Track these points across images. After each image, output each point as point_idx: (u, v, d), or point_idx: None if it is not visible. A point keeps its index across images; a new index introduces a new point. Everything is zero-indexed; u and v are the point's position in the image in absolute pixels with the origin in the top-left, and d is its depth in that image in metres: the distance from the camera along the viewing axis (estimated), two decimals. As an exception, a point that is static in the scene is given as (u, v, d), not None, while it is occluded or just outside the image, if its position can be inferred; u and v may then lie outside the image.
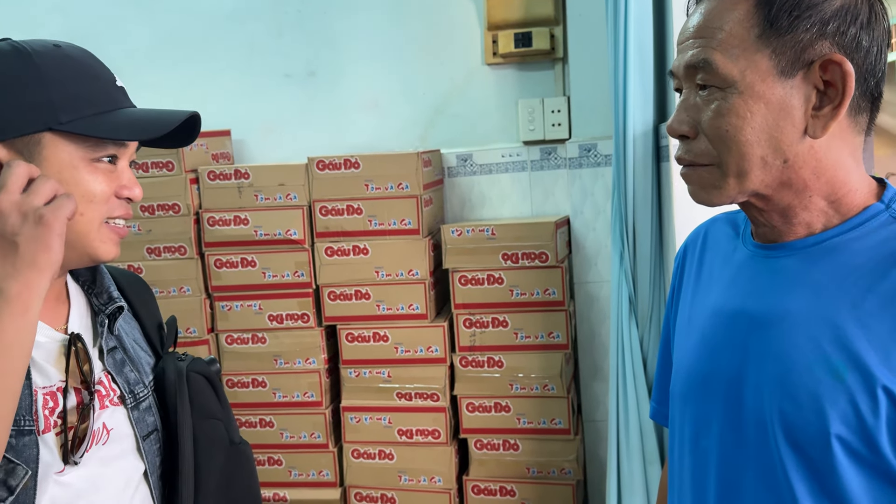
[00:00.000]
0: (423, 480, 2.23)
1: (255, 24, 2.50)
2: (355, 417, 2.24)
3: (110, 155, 0.85)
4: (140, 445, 0.92)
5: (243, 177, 2.23)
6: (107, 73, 0.88)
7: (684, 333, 0.90)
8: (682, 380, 0.88)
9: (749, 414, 0.77)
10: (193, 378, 0.98)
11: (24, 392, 0.80)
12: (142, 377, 0.95)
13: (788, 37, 0.72)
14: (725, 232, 0.91)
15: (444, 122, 2.45)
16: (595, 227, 2.27)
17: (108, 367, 0.91)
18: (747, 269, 0.83)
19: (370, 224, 2.18)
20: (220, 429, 0.99)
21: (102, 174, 0.84)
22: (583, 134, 2.27)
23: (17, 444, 0.79)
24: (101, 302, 0.94)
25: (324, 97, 2.50)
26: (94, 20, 2.53)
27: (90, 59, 0.87)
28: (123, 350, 0.94)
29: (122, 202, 0.87)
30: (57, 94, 0.81)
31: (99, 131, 0.82)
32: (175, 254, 2.27)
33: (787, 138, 0.74)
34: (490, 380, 2.19)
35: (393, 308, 2.20)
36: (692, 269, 0.93)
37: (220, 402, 1.01)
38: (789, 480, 0.73)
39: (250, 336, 2.27)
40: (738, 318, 0.80)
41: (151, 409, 0.94)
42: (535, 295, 2.15)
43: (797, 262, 0.78)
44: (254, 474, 1.05)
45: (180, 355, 1.01)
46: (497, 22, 2.32)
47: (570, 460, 2.18)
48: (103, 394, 0.89)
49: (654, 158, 1.85)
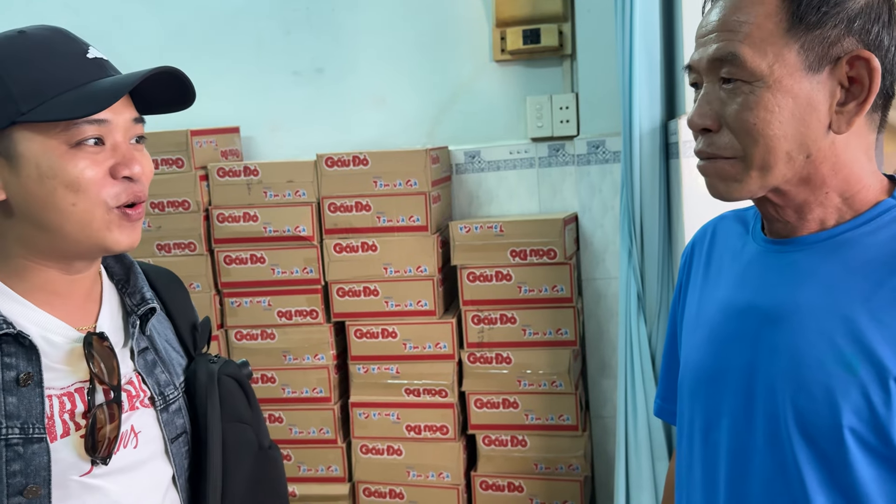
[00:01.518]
0: (432, 476, 2.24)
1: (264, 22, 2.51)
2: (364, 413, 2.25)
3: (93, 136, 0.78)
4: (168, 448, 0.89)
5: (252, 173, 2.24)
6: (76, 48, 0.81)
7: (692, 329, 0.90)
8: (691, 375, 0.88)
9: (760, 408, 0.77)
10: (224, 381, 0.95)
11: (35, 399, 0.78)
12: (173, 379, 0.92)
13: (817, 32, 0.73)
14: (734, 228, 0.91)
15: (452, 118, 2.45)
16: (603, 223, 2.27)
17: (139, 368, 0.88)
18: (757, 265, 0.83)
19: (378, 221, 2.19)
20: (249, 433, 0.97)
21: (87, 158, 0.78)
22: (591, 130, 2.27)
23: (25, 453, 0.77)
24: (134, 302, 0.91)
25: (332, 94, 2.50)
26: (104, 18, 2.55)
27: (56, 37, 0.81)
28: (155, 351, 0.91)
29: (123, 183, 0.80)
30: (15, 85, 0.76)
31: (53, 113, 0.75)
32: (185, 250, 2.28)
33: (812, 133, 0.74)
34: (498, 376, 2.19)
35: (401, 304, 2.21)
36: (700, 265, 0.93)
37: (251, 406, 0.98)
38: (801, 473, 0.74)
39: (259, 332, 2.28)
40: (749, 312, 0.80)
41: (181, 411, 0.92)
42: (543, 291, 2.15)
43: (808, 256, 0.78)
44: (282, 479, 1.02)
45: (212, 357, 0.98)
46: (505, 18, 2.32)
47: (578, 456, 2.19)
48: (133, 394, 0.87)
49: (663, 155, 1.85)
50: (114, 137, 0.80)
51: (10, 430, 0.76)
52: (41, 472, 0.77)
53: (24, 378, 0.77)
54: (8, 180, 0.78)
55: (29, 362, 0.78)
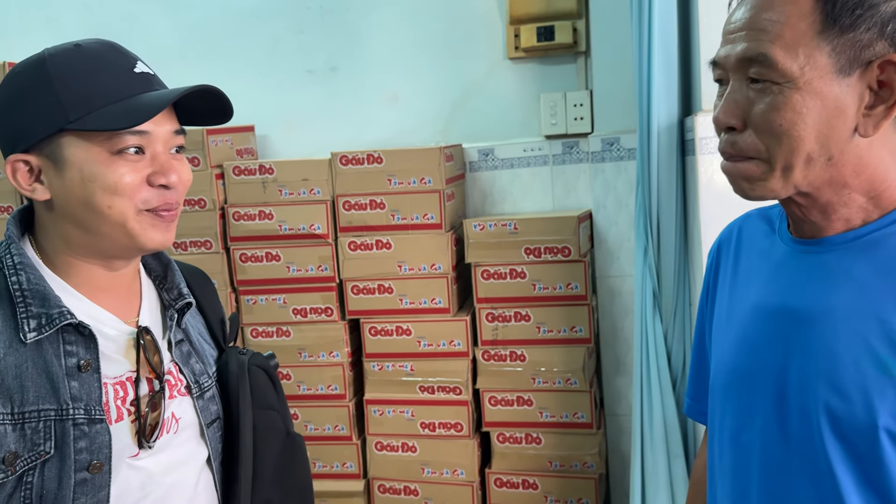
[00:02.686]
0: (446, 473, 2.24)
1: (278, 21, 2.52)
2: (378, 410, 2.26)
3: (134, 146, 0.84)
4: (204, 432, 0.96)
5: (268, 172, 2.25)
6: (124, 62, 0.86)
7: (723, 329, 0.90)
8: (722, 375, 0.88)
9: (793, 408, 0.77)
10: (254, 371, 1.02)
11: (94, 384, 0.85)
12: (206, 368, 0.99)
13: (849, 35, 0.72)
14: (760, 227, 0.90)
15: (465, 116, 2.45)
16: (618, 221, 2.26)
17: (176, 358, 0.95)
18: (787, 265, 0.83)
19: (393, 219, 2.19)
20: (278, 420, 1.03)
21: (126, 165, 0.84)
22: (605, 128, 2.27)
23: (90, 432, 0.84)
24: (172, 297, 0.97)
25: (346, 92, 2.51)
26: (119, 17, 2.57)
27: (107, 51, 0.87)
28: (190, 343, 0.98)
29: (158, 190, 0.86)
30: (65, 95, 0.82)
31: (98, 123, 0.82)
32: (201, 248, 2.29)
33: (836, 136, 0.74)
34: (512, 374, 2.19)
35: (415, 302, 2.21)
36: (728, 265, 0.93)
37: (278, 395, 1.05)
38: (834, 473, 0.74)
39: (275, 329, 2.30)
40: (781, 314, 0.80)
41: (215, 398, 0.99)
42: (557, 289, 2.15)
43: (838, 257, 0.78)
44: (306, 464, 1.09)
45: (242, 350, 1.05)
46: (519, 16, 2.32)
47: (593, 454, 2.19)
48: (172, 383, 0.93)
49: (679, 152, 1.84)
50: (153, 147, 0.86)
51: (76, 412, 0.83)
52: (104, 450, 0.84)
53: (84, 365, 0.85)
54: (53, 182, 0.85)
55: (87, 350, 0.85)
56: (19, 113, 0.84)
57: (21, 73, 0.85)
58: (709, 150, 1.70)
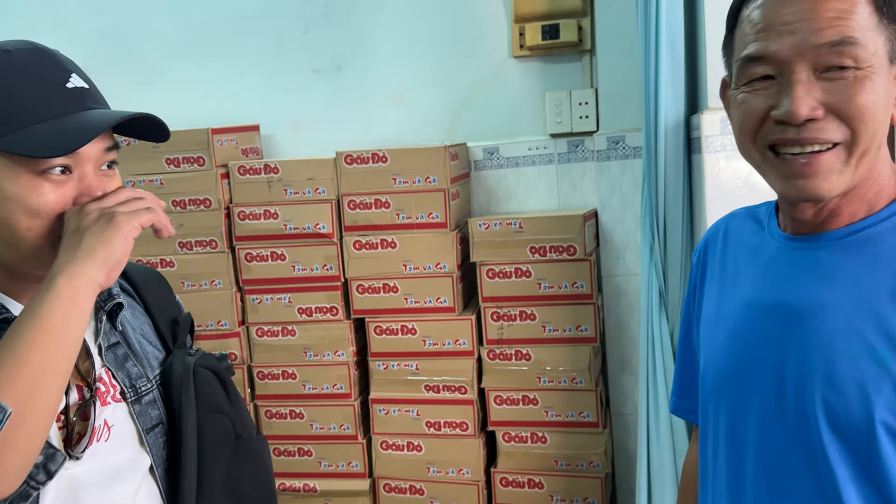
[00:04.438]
0: (452, 472, 2.24)
1: (283, 20, 2.52)
2: (384, 409, 2.26)
3: (61, 166, 0.79)
4: (144, 439, 0.91)
5: (273, 171, 2.25)
6: (56, 75, 0.81)
7: (712, 327, 0.90)
8: (715, 372, 0.88)
9: (790, 404, 0.78)
10: (200, 373, 0.96)
11: None
12: (146, 371, 0.94)
13: (893, 27, 0.75)
14: (748, 226, 0.91)
15: (470, 115, 2.45)
16: (623, 219, 2.25)
17: (108, 362, 0.90)
18: (780, 262, 0.83)
19: (398, 218, 2.19)
20: (226, 423, 0.97)
21: (50, 186, 0.79)
22: (611, 126, 2.26)
23: None
24: (101, 298, 0.92)
25: (351, 91, 2.51)
26: (124, 16, 2.57)
27: (40, 62, 0.81)
28: (127, 345, 0.93)
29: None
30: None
31: (20, 147, 0.77)
32: (206, 248, 2.30)
33: (886, 125, 0.76)
34: (518, 373, 2.19)
35: (421, 301, 2.21)
36: (715, 263, 0.93)
37: (229, 398, 0.99)
38: (831, 467, 0.75)
39: (280, 329, 2.30)
40: (775, 310, 0.81)
41: (156, 402, 0.94)
42: (562, 288, 2.14)
43: (833, 253, 0.79)
44: (264, 470, 1.02)
45: (191, 351, 1.00)
46: (524, 14, 2.31)
47: (599, 453, 2.18)
48: (103, 390, 0.89)
49: (686, 150, 1.83)
50: (81, 167, 0.82)
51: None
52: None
53: None
54: None
55: None
56: None
57: None
58: (715, 148, 1.69)
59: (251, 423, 1.03)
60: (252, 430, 1.02)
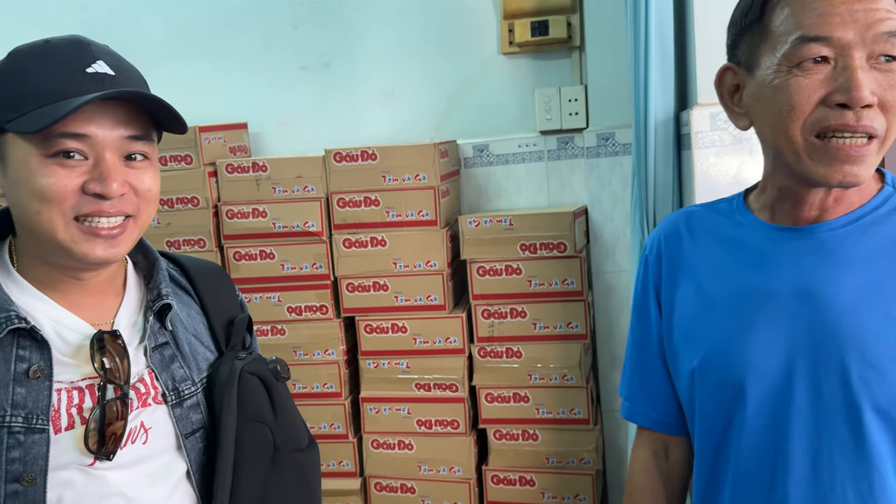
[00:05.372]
0: (443, 470, 2.24)
1: (270, 17, 2.50)
2: (374, 408, 2.25)
3: (72, 149, 0.79)
4: (182, 443, 0.90)
5: (261, 169, 2.24)
6: (78, 60, 0.81)
7: (704, 321, 0.89)
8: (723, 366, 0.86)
9: (827, 387, 0.79)
10: (246, 379, 0.93)
11: (43, 392, 0.80)
12: (192, 374, 0.92)
13: None
14: (716, 220, 0.92)
15: (460, 112, 2.44)
16: (613, 216, 2.25)
17: (153, 363, 0.89)
18: (784, 251, 0.84)
19: (388, 215, 2.18)
20: (266, 434, 0.93)
21: (60, 170, 0.79)
22: (600, 123, 2.26)
23: (25, 442, 0.79)
24: (151, 298, 0.91)
25: (339, 89, 2.50)
26: (110, 13, 2.54)
27: (66, 48, 0.81)
28: (176, 345, 0.92)
29: (91, 198, 0.80)
30: (5, 93, 0.80)
31: (23, 126, 0.77)
32: (194, 247, 2.28)
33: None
34: (508, 370, 2.19)
35: (411, 299, 2.20)
36: (684, 259, 0.93)
37: (274, 407, 0.95)
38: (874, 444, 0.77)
39: (269, 328, 2.28)
40: (795, 296, 0.82)
41: (199, 406, 0.92)
42: (553, 285, 2.14)
43: (839, 239, 0.82)
44: (307, 484, 0.97)
45: (241, 354, 0.96)
46: (513, 11, 2.30)
47: (590, 450, 2.18)
48: (143, 391, 0.87)
49: (675, 146, 1.83)
50: (98, 152, 0.80)
51: (14, 419, 0.79)
52: (38, 462, 0.79)
53: (34, 371, 0.80)
54: (2, 182, 0.83)
55: (41, 356, 0.81)
56: None
57: None
58: (704, 144, 1.69)
59: (300, 434, 0.99)
60: (300, 442, 0.98)
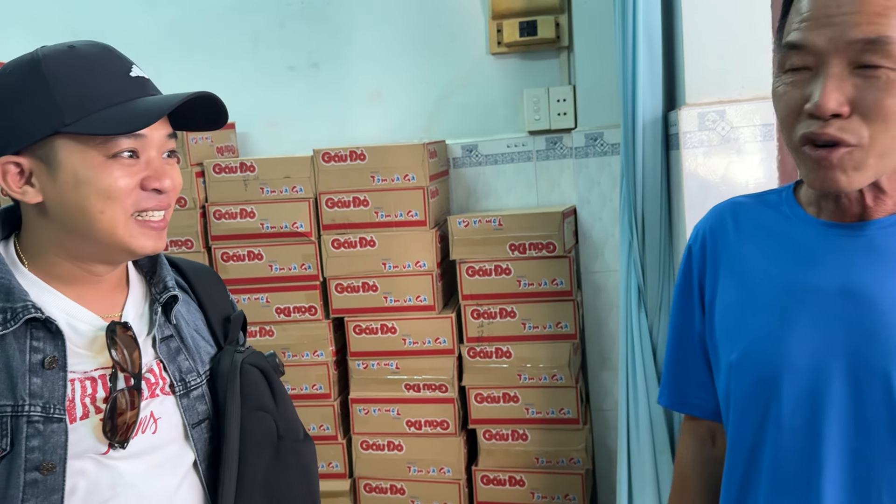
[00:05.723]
0: (433, 471, 2.23)
1: (258, 16, 2.49)
2: (364, 409, 2.25)
3: (129, 149, 0.84)
4: (189, 434, 0.93)
5: (249, 170, 2.23)
6: (121, 66, 0.86)
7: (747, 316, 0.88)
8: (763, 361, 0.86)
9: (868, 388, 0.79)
10: (247, 370, 0.98)
11: (58, 382, 0.83)
12: (196, 366, 0.96)
13: None
14: (764, 213, 0.90)
15: (449, 112, 2.44)
16: (602, 216, 2.26)
17: (161, 354, 0.92)
18: (832, 248, 0.83)
19: (377, 216, 2.18)
20: (269, 422, 0.98)
21: (121, 169, 0.84)
22: (589, 123, 2.26)
23: (44, 431, 0.81)
24: (158, 291, 0.95)
25: (328, 89, 2.49)
26: (95, 12, 2.52)
27: (103, 54, 0.86)
28: (180, 339, 0.95)
29: (150, 194, 0.86)
30: (61, 97, 0.81)
31: (95, 128, 0.81)
32: (182, 247, 2.26)
33: None
34: (498, 370, 2.19)
35: (400, 300, 2.20)
36: (728, 251, 0.92)
37: (275, 398, 1.00)
38: None
39: (258, 329, 2.27)
40: (839, 294, 0.81)
41: (204, 398, 0.95)
42: (542, 285, 2.14)
43: (887, 238, 0.81)
44: (308, 473, 1.03)
45: (240, 348, 1.01)
46: (502, 11, 2.31)
47: (579, 450, 2.19)
48: (152, 382, 0.91)
49: (664, 146, 1.83)
50: (148, 152, 0.86)
51: (33, 409, 0.81)
52: (58, 451, 0.82)
53: (49, 361, 0.83)
54: (45, 185, 0.84)
55: (55, 347, 0.84)
56: (11, 114, 0.83)
57: (13, 73, 0.84)
58: (692, 144, 1.70)
59: (297, 425, 1.03)
60: (298, 432, 1.03)
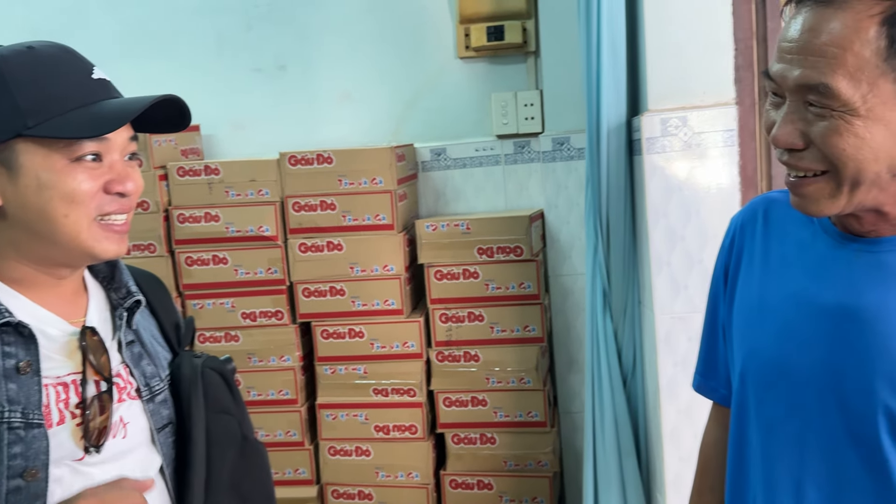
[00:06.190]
0: (401, 476, 2.22)
1: (224, 17, 2.46)
2: (331, 414, 2.23)
3: (92, 153, 0.83)
4: (155, 437, 0.93)
5: (213, 173, 2.20)
6: (82, 67, 0.85)
7: (756, 316, 0.89)
8: (761, 366, 0.87)
9: (850, 407, 0.79)
10: (208, 374, 0.99)
11: (33, 387, 0.82)
12: (158, 371, 0.96)
13: None
14: (794, 216, 0.88)
15: (417, 115, 2.44)
16: (569, 220, 2.28)
17: (126, 359, 0.92)
18: (838, 261, 0.82)
19: (344, 219, 2.16)
20: (234, 424, 0.99)
21: (84, 172, 0.82)
22: (556, 127, 2.28)
23: (25, 437, 0.81)
24: (120, 296, 0.95)
25: (295, 91, 2.47)
26: (57, 12, 2.47)
27: (64, 55, 0.85)
28: (141, 344, 0.95)
29: (113, 198, 0.85)
30: (23, 99, 0.80)
31: (59, 131, 0.80)
32: (144, 252, 2.22)
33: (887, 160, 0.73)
34: (466, 374, 2.19)
35: (368, 304, 2.18)
36: (755, 248, 0.92)
37: (235, 400, 1.01)
38: (890, 469, 0.77)
39: (223, 334, 2.24)
40: (836, 311, 0.80)
41: (167, 402, 0.96)
42: (510, 289, 2.15)
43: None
44: (267, 471, 1.06)
45: (196, 353, 1.02)
46: (469, 15, 2.31)
47: (547, 452, 2.20)
48: (121, 386, 0.90)
49: (627, 151, 1.85)
50: (111, 155, 0.85)
51: (12, 415, 0.80)
52: (40, 456, 0.81)
53: (23, 366, 0.82)
54: (6, 188, 0.82)
55: (27, 351, 0.83)
56: None
57: None
58: (655, 150, 1.72)
59: (251, 425, 1.05)
60: (255, 433, 1.05)
